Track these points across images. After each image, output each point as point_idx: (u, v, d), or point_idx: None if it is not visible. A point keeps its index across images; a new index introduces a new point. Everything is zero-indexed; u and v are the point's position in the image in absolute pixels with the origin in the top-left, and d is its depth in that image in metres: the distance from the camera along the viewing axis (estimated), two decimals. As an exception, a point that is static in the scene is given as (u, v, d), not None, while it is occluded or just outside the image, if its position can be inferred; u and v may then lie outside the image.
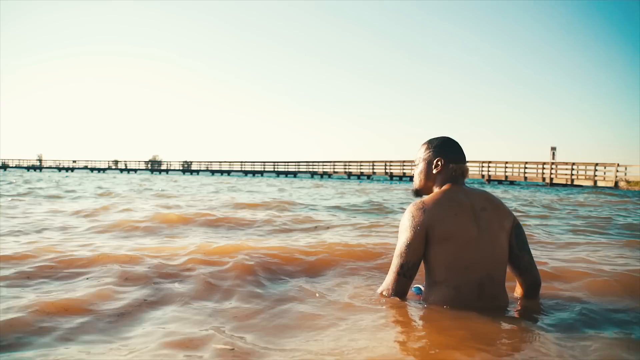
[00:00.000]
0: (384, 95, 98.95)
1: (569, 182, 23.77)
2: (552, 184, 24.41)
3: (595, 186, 22.16)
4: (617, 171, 21.79)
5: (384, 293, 1.77)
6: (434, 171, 1.83)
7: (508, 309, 1.74)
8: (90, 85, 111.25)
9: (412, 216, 1.69)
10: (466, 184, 1.86)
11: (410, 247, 1.67)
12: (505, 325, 1.59)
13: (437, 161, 1.83)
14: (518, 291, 1.88)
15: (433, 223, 1.66)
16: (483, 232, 1.67)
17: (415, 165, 1.94)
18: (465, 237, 1.65)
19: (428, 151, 1.87)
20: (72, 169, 54.30)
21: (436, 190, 1.83)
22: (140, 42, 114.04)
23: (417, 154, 1.92)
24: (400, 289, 1.72)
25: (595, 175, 22.90)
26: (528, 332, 1.56)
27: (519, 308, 1.81)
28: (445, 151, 1.84)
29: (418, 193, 1.92)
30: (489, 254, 1.67)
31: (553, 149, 26.89)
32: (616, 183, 21.46)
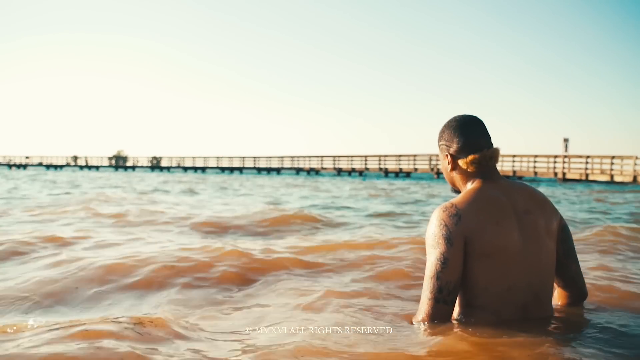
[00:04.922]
0: (378, 80, 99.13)
1: (584, 178, 23.97)
2: (564, 180, 24.61)
3: (611, 181, 22.40)
4: (635, 164, 22.03)
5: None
6: (449, 169, 1.69)
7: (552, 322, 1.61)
8: (46, 75, 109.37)
9: (445, 225, 1.51)
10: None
11: (448, 264, 1.48)
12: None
13: (448, 158, 1.67)
14: (558, 301, 1.76)
15: (472, 234, 1.49)
16: (528, 242, 1.53)
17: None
18: (509, 251, 1.50)
19: (439, 144, 1.71)
20: (25, 166, 53.16)
21: (467, 186, 1.65)
22: (97, 27, 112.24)
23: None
24: (441, 320, 1.51)
25: (612, 170, 23.13)
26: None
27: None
28: (453, 142, 1.64)
29: (456, 191, 1.75)
30: (535, 269, 1.53)
31: (566, 140, 27.08)
32: (635, 177, 21.69)
